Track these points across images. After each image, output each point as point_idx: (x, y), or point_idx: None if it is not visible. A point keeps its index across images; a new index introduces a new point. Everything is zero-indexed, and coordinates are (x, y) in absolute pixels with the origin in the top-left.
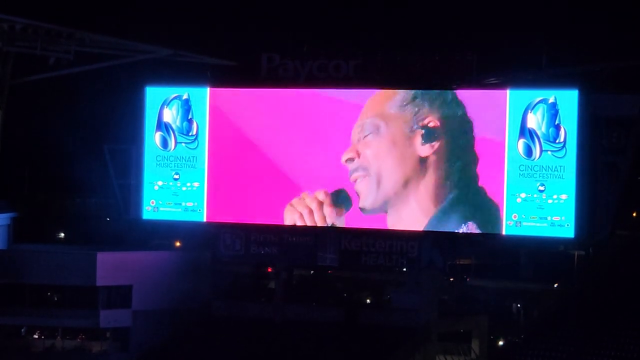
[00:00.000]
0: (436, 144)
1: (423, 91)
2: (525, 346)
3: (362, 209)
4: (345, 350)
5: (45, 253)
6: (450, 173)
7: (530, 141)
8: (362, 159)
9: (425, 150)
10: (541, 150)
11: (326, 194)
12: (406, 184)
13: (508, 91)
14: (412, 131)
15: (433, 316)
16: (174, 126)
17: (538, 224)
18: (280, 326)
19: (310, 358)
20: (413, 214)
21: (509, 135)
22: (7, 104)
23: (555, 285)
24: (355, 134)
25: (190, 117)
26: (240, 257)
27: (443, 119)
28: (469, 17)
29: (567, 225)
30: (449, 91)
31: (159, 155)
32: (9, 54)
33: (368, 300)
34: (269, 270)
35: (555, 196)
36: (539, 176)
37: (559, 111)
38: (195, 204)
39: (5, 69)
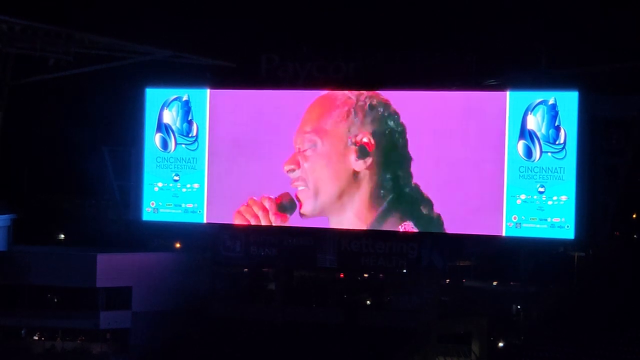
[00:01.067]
0: (369, 160)
1: (355, 107)
2: (525, 347)
3: (302, 214)
4: (345, 352)
5: (45, 254)
6: (384, 182)
7: (530, 142)
8: (302, 171)
9: (359, 165)
10: (541, 152)
11: (271, 200)
12: (341, 195)
13: (508, 92)
14: (347, 147)
15: (433, 317)
16: (174, 127)
17: (538, 226)
18: (280, 327)
19: (310, 359)
20: (351, 221)
21: (509, 137)
22: (7, 105)
23: (555, 287)
24: (296, 143)
25: (190, 118)
26: (240, 259)
27: (376, 135)
28: (469, 18)
29: (567, 226)
30: (382, 104)
31: (159, 157)
32: (9, 55)
33: (368, 302)
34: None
35: (555, 197)
36: (539, 177)
37: (559, 112)
38: (195, 205)
39: (5, 70)
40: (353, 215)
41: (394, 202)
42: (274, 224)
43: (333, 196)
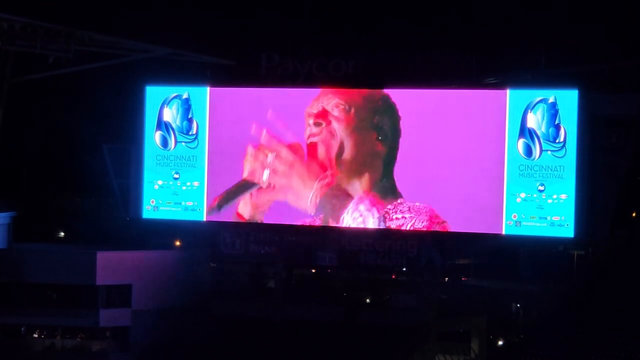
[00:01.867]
0: (387, 145)
1: (382, 96)
2: (525, 346)
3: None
4: (344, 350)
5: (45, 252)
6: (384, 168)
7: (530, 141)
8: (329, 128)
9: (378, 146)
10: (541, 150)
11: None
12: (361, 166)
13: (508, 91)
14: (373, 125)
15: (432, 316)
16: (174, 125)
17: (538, 224)
18: (280, 325)
19: (309, 357)
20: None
21: (508, 135)
22: (7, 102)
23: (555, 285)
24: (318, 103)
25: (190, 116)
26: (239, 256)
27: (393, 124)
28: (469, 16)
29: (567, 225)
30: (391, 103)
31: (159, 155)
32: (9, 53)
33: (367, 300)
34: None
35: (555, 196)
36: (539, 176)
37: (559, 111)
38: (195, 203)
39: (5, 67)
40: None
41: (382, 186)
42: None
43: (354, 163)
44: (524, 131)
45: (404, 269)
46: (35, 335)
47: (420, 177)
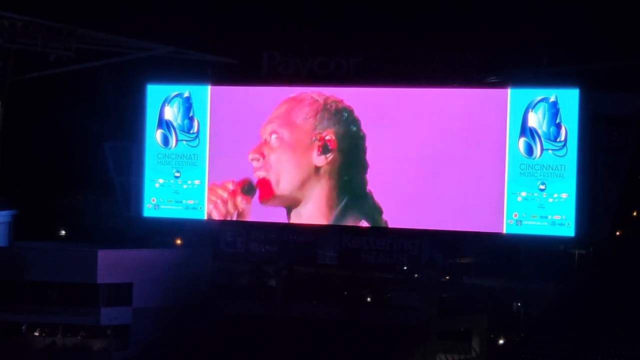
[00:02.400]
0: (330, 156)
1: (322, 108)
2: (525, 345)
3: (262, 202)
4: (345, 349)
5: (46, 250)
6: (342, 182)
7: (531, 140)
8: (266, 161)
9: (320, 160)
10: (542, 149)
11: (234, 183)
12: (302, 186)
13: (509, 90)
14: (311, 143)
15: (433, 314)
16: (175, 124)
17: (538, 223)
18: (281, 324)
19: (310, 356)
20: (312, 214)
21: (509, 134)
22: (8, 101)
23: (555, 284)
24: (263, 134)
25: (191, 114)
26: (240, 255)
27: (338, 135)
28: (470, 14)
29: (568, 224)
30: (345, 110)
31: (160, 153)
32: (10, 51)
33: (368, 299)
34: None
35: (555, 195)
36: (540, 175)
37: (560, 110)
38: (196, 201)
39: (6, 66)
40: (313, 206)
41: (350, 203)
42: (239, 205)
43: (294, 186)
44: (525, 130)
45: (405, 268)
46: (36, 334)
47: (419, 176)
